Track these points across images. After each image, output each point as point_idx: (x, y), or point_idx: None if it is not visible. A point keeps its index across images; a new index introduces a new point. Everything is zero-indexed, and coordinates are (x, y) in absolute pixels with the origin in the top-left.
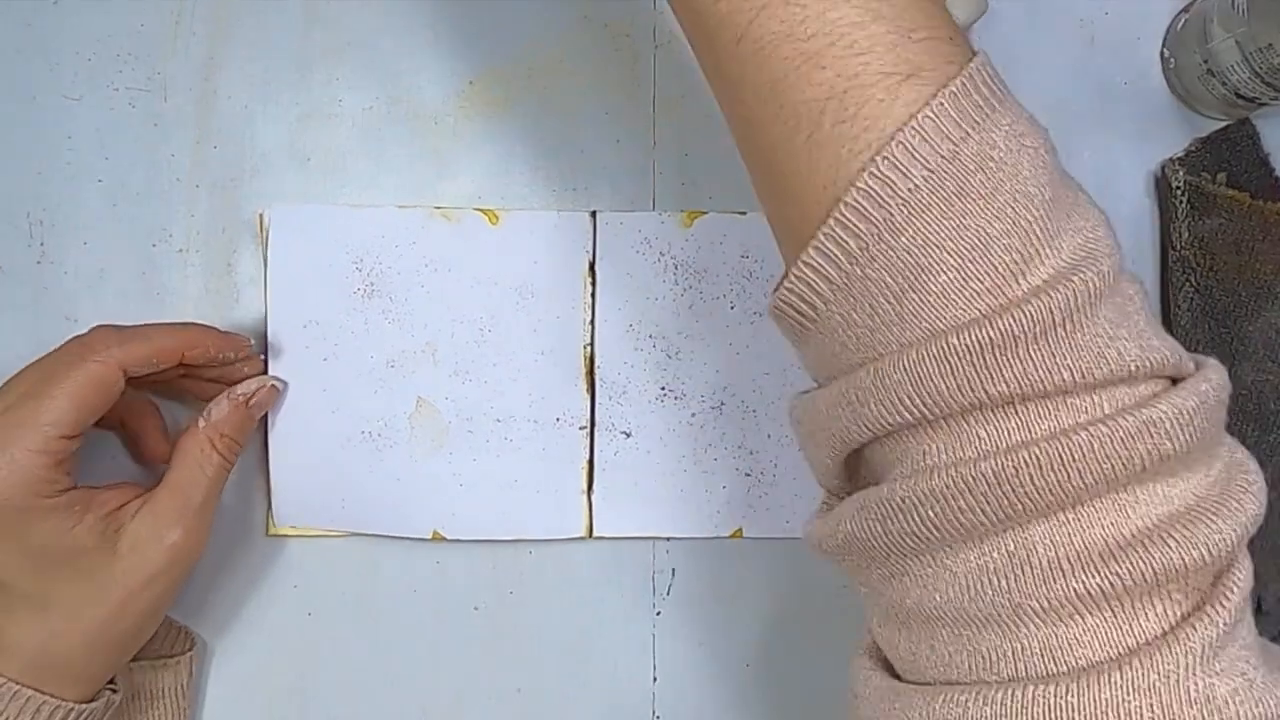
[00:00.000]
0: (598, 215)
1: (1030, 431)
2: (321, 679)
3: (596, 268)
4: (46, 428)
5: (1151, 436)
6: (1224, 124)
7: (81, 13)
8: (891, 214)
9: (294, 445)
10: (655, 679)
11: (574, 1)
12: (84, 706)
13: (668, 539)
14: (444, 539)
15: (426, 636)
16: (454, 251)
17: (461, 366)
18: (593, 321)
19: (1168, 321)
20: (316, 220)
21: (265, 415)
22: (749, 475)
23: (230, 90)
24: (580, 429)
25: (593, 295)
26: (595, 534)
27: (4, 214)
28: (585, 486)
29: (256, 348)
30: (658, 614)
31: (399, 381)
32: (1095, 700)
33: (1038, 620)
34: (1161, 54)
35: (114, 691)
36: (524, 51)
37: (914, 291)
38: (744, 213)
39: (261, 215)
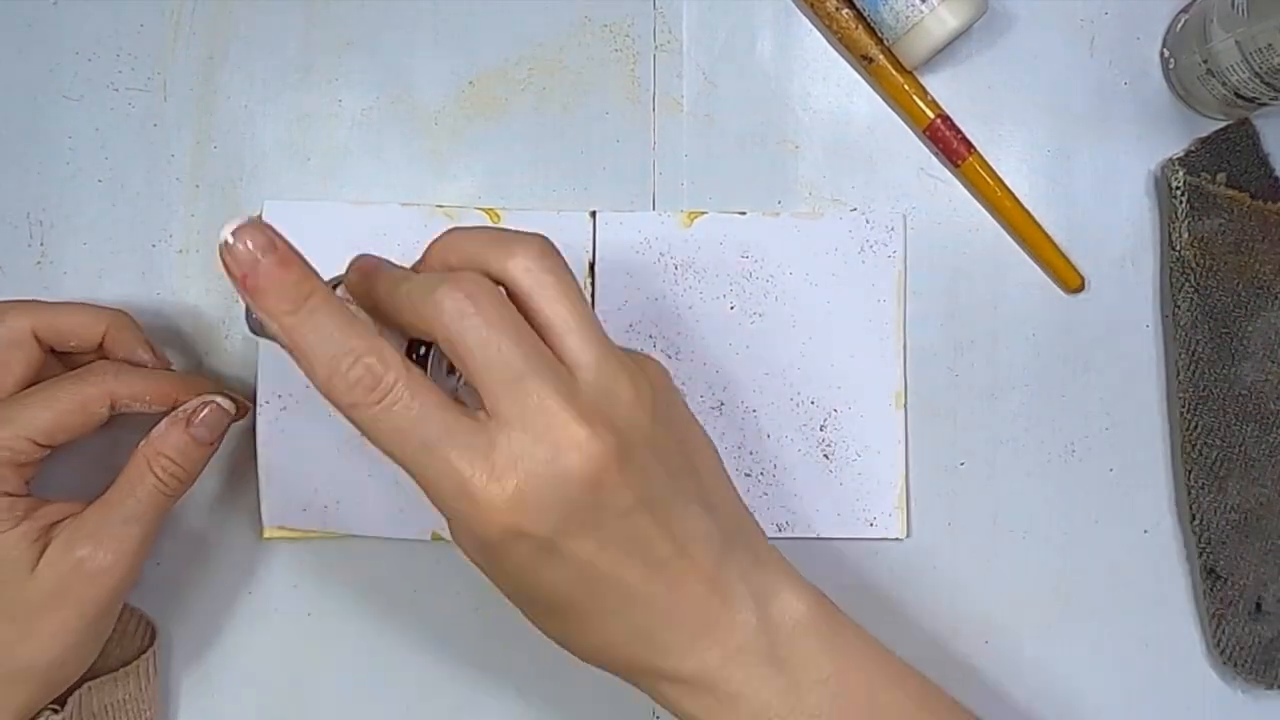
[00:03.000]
0: (597, 215)
1: None
2: (321, 679)
3: (596, 267)
4: (16, 425)
5: None
6: (1224, 124)
7: (81, 13)
8: None
9: (287, 448)
10: None
11: (574, 1)
12: None
13: None
14: (444, 539)
15: (426, 636)
16: None
17: None
18: None
19: (1168, 322)
20: (314, 217)
21: (254, 423)
22: (749, 475)
23: (230, 90)
24: None
25: (593, 295)
26: None
27: (4, 214)
28: None
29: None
30: None
31: None
32: None
33: None
34: (1161, 54)
35: (55, 711)
36: (524, 51)
37: None
38: (744, 213)
39: (259, 213)
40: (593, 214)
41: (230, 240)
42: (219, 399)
